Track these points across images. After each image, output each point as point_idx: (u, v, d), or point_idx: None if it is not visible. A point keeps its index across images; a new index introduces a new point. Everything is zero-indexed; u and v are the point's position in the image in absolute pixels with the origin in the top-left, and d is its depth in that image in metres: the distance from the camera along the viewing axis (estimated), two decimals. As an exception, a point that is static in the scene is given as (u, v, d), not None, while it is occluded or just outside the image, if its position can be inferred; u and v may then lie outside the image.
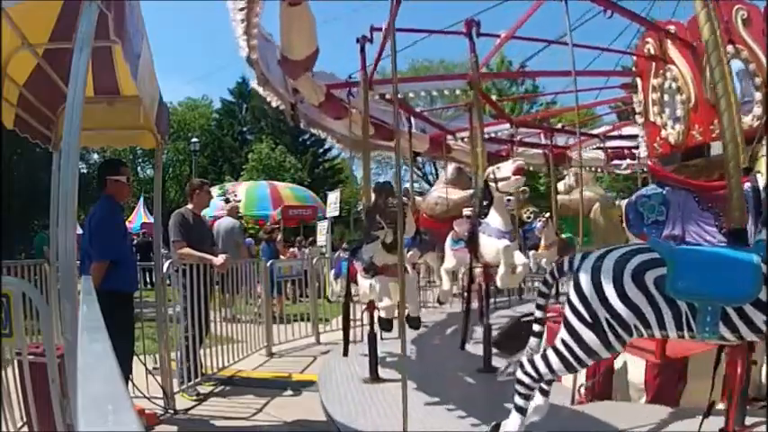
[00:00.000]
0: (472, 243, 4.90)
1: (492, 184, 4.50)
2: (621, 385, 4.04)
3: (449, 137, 9.19)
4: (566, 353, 2.57)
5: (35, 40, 3.28)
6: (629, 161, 10.69)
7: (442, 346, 5.98)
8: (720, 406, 3.67)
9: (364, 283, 4.40)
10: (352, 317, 5.10)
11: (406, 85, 8.00)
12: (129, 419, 0.68)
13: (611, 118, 11.04)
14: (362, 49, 5.61)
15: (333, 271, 5.83)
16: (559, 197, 14.40)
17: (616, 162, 10.86)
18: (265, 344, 6.61)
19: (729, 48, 4.65)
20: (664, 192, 3.53)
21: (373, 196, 4.29)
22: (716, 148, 5.49)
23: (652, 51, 5.71)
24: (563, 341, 2.59)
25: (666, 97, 5.67)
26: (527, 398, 2.68)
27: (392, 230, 3.98)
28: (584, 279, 2.52)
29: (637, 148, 10.20)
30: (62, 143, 2.20)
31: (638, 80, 6.20)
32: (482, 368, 4.68)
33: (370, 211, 4.22)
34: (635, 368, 3.87)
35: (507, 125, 9.23)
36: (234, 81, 34.97)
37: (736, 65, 4.71)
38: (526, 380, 2.66)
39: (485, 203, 4.65)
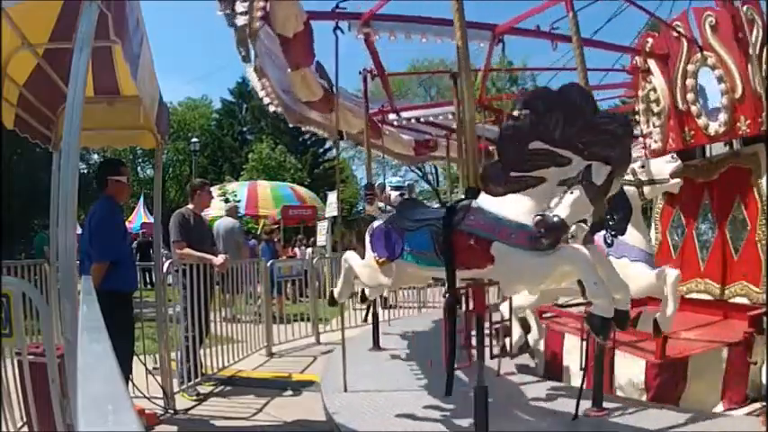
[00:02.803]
0: None
1: (630, 188, 3.47)
2: (622, 385, 4.04)
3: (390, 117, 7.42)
4: None
5: (35, 40, 3.28)
6: None
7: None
8: (720, 406, 3.68)
9: (535, 263, 2.62)
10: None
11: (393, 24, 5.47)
12: (129, 419, 0.68)
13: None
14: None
15: (374, 253, 3.57)
16: None
17: None
18: (265, 344, 6.61)
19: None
20: None
21: (523, 110, 2.63)
22: (715, 149, 5.44)
23: (682, 32, 5.33)
24: None
25: (703, 84, 5.24)
26: None
27: (613, 160, 2.46)
28: None
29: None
30: (62, 143, 2.20)
31: (654, 63, 5.74)
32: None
33: (521, 129, 2.61)
34: (635, 368, 3.87)
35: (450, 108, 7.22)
36: (234, 81, 35.03)
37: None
38: None
39: (614, 213, 3.33)
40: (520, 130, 2.61)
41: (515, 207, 2.68)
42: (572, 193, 2.51)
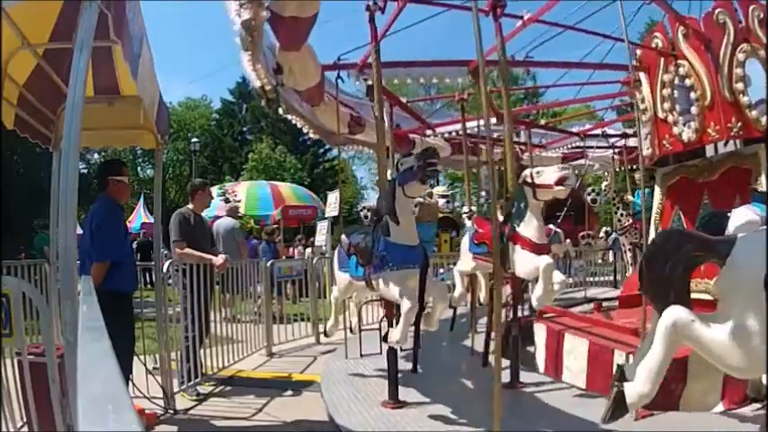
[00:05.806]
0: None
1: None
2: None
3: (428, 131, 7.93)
4: None
5: (35, 40, 3.28)
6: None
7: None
8: (720, 407, 3.68)
9: None
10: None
11: (402, 71, 6.61)
12: (129, 419, 0.68)
13: (610, 115, 10.85)
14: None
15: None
16: None
17: (456, 157, 9.44)
18: (265, 344, 6.61)
19: (745, 46, 4.59)
20: None
21: None
22: (712, 150, 5.43)
23: (660, 46, 5.44)
24: None
25: (677, 94, 5.37)
26: None
27: None
28: None
29: (482, 139, 9.24)
30: (62, 143, 2.20)
31: (643, 75, 5.87)
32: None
33: None
34: (635, 368, 3.86)
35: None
36: (234, 81, 35.05)
37: (753, 64, 4.63)
38: None
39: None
40: None
41: None
42: None
